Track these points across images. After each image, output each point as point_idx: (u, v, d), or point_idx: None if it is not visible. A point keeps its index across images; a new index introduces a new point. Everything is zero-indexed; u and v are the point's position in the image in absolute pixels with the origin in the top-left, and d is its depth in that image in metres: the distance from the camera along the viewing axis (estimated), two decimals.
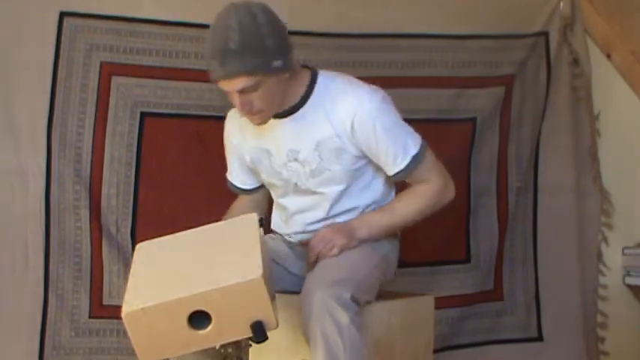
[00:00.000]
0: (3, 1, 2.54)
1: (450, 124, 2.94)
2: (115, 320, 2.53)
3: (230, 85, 1.95)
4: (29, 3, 2.56)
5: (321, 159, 2.08)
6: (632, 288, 3.09)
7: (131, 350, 1.73)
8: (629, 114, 3.12)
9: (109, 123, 2.64)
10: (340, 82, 2.09)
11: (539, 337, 3.06)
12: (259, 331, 1.73)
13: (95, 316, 2.63)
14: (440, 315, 2.55)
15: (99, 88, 2.62)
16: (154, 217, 2.66)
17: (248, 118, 2.05)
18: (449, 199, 2.17)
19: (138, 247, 1.96)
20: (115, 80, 2.64)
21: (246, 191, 2.32)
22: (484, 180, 3.01)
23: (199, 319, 1.70)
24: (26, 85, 2.56)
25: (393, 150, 2.06)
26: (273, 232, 2.30)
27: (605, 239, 3.12)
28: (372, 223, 2.12)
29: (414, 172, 2.10)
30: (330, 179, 2.10)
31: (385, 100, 2.06)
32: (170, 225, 2.04)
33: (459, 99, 2.94)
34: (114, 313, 2.45)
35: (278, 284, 1.99)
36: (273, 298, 1.77)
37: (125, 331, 1.70)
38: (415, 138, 2.10)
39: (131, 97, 2.66)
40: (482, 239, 3.01)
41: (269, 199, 2.32)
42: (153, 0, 2.66)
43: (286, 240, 2.26)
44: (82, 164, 2.62)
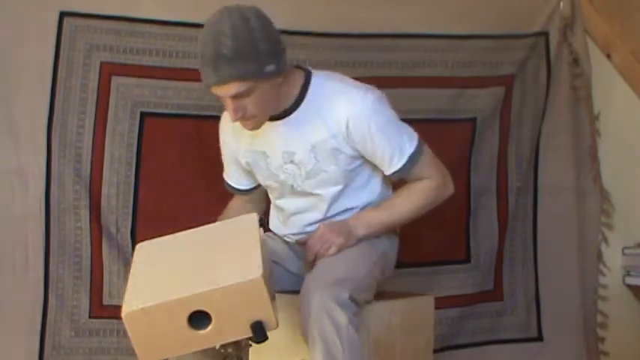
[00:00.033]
0: (3, 1, 2.53)
1: (450, 124, 2.94)
2: (115, 320, 2.53)
3: (223, 91, 1.94)
4: (29, 3, 2.56)
5: (317, 160, 2.07)
6: (632, 288, 3.09)
7: (131, 350, 1.73)
8: (629, 114, 3.11)
9: (109, 123, 2.64)
10: (334, 82, 2.07)
11: (539, 337, 3.06)
12: (259, 331, 1.73)
13: (95, 316, 2.63)
14: (440, 315, 2.55)
15: (99, 88, 2.62)
16: (153, 217, 2.66)
17: (241, 123, 2.03)
18: (448, 194, 2.16)
19: (138, 247, 1.96)
20: (115, 80, 2.64)
21: (242, 191, 2.31)
22: (484, 180, 3.01)
23: (199, 319, 1.70)
24: (26, 85, 2.55)
25: (389, 150, 2.06)
26: (272, 231, 2.29)
27: (605, 239, 3.12)
28: (370, 220, 2.11)
29: (411, 171, 2.09)
30: (326, 180, 2.09)
31: (379, 100, 2.05)
32: (170, 225, 2.04)
33: (459, 99, 2.94)
34: (114, 313, 2.44)
35: (278, 284, 1.99)
36: (273, 298, 1.77)
37: (125, 331, 1.70)
38: (411, 136, 2.09)
39: (131, 97, 2.66)
40: (482, 239, 3.01)
41: (266, 199, 2.31)
42: (153, 0, 2.66)
43: (285, 240, 2.25)
44: (82, 164, 2.62)
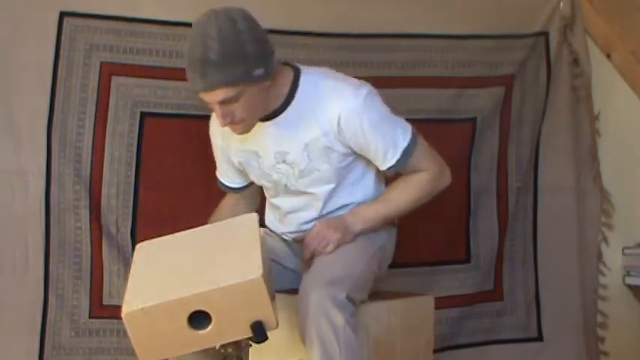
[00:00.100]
0: (3, 1, 2.53)
1: (450, 124, 2.94)
2: (115, 320, 2.53)
3: (211, 97, 1.92)
4: (29, 3, 2.56)
5: (310, 159, 2.06)
6: (632, 288, 3.09)
7: (131, 350, 1.73)
8: (629, 114, 3.11)
9: (109, 123, 2.64)
10: (324, 79, 2.05)
11: (539, 337, 3.06)
12: (259, 331, 1.73)
13: (95, 316, 2.63)
14: (440, 315, 2.55)
15: (99, 88, 2.62)
16: (154, 217, 2.66)
17: (230, 128, 2.01)
18: (445, 184, 2.15)
19: (138, 247, 1.96)
20: (115, 80, 2.64)
21: (235, 189, 2.30)
22: (484, 180, 3.00)
23: (199, 319, 1.70)
24: (26, 85, 2.55)
25: (382, 145, 2.04)
26: (266, 227, 2.29)
27: (605, 239, 3.12)
28: (366, 215, 2.10)
29: (406, 165, 2.08)
30: (319, 179, 2.08)
31: (370, 95, 2.03)
32: (170, 225, 2.04)
33: (459, 99, 2.94)
34: (114, 313, 2.44)
35: (276, 282, 1.98)
36: (273, 298, 1.77)
37: (125, 331, 1.71)
38: (405, 129, 2.07)
39: (131, 97, 2.66)
40: (482, 239, 3.01)
41: (259, 196, 2.31)
42: (153, 0, 2.66)
43: (283, 237, 2.25)
44: (82, 164, 2.61)
